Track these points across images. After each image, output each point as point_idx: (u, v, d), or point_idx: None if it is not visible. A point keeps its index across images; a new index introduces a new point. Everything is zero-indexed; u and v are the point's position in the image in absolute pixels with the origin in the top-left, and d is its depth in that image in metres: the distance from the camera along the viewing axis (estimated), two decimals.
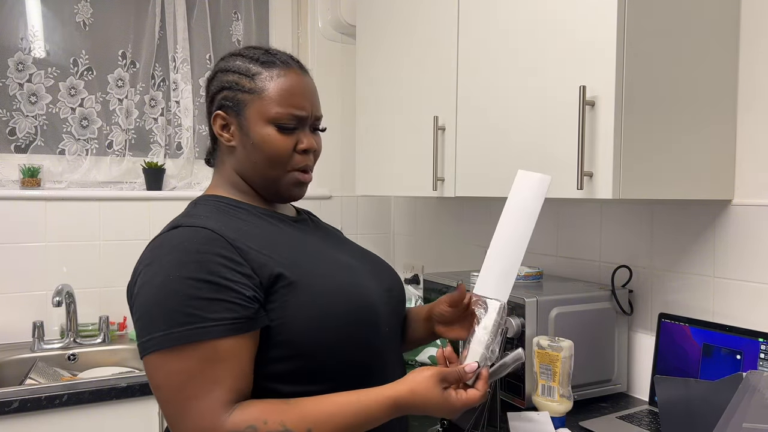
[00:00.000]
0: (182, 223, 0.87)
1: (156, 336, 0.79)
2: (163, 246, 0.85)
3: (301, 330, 0.86)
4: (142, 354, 0.81)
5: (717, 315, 1.43)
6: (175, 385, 0.79)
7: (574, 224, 1.80)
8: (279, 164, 0.96)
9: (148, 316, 0.81)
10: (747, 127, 1.37)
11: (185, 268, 0.81)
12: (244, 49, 1.00)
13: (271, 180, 0.97)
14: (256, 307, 0.83)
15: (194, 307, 0.79)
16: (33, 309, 2.10)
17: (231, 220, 0.91)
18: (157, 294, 0.81)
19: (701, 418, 1.08)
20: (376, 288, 0.98)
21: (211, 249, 0.83)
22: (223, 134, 0.97)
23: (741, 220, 1.39)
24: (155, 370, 0.80)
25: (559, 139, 1.31)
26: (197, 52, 2.39)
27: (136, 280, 0.86)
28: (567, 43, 1.30)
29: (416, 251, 2.55)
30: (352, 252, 1.05)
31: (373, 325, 0.94)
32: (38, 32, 2.18)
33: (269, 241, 0.90)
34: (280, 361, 0.86)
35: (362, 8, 2.11)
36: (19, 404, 1.58)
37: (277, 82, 0.95)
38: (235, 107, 0.95)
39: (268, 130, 0.94)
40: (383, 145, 1.97)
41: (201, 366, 0.79)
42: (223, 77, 0.97)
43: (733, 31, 1.37)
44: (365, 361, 0.93)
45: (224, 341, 0.80)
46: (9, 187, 2.13)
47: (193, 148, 2.39)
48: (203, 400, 0.78)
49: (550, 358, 1.34)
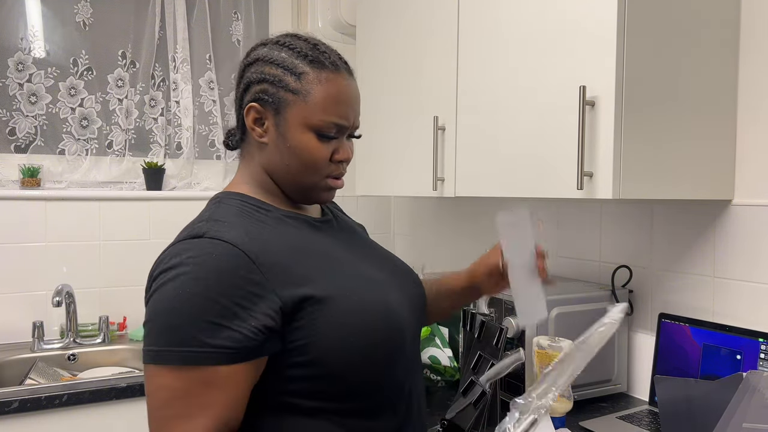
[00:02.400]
0: (206, 232, 0.82)
1: (155, 349, 0.78)
2: (181, 255, 0.80)
3: (330, 350, 0.83)
4: (143, 361, 0.80)
5: (717, 315, 1.43)
6: (162, 400, 0.77)
7: (574, 224, 1.80)
8: (313, 171, 0.91)
9: (153, 325, 0.79)
10: (747, 127, 1.37)
11: (198, 286, 0.77)
12: (289, 39, 0.91)
13: (302, 185, 0.93)
14: (261, 338, 0.79)
15: (197, 329, 0.76)
16: (33, 309, 2.10)
17: (256, 227, 0.86)
18: (165, 305, 0.78)
19: (701, 418, 1.08)
20: (401, 300, 0.95)
21: (231, 268, 0.78)
22: (256, 128, 0.91)
23: (741, 220, 1.39)
24: (149, 378, 0.79)
25: (559, 139, 1.31)
26: (197, 52, 2.39)
27: (151, 284, 0.82)
28: (567, 43, 1.30)
29: (416, 251, 2.55)
30: (377, 258, 1.01)
31: (399, 342, 0.91)
32: (38, 32, 2.18)
33: (295, 254, 0.86)
34: (304, 379, 0.83)
35: (362, 8, 2.11)
36: (19, 404, 1.58)
37: (324, 87, 0.88)
38: (275, 104, 0.89)
39: (308, 137, 0.89)
40: (383, 145, 1.97)
41: (193, 388, 0.76)
42: (264, 68, 0.90)
43: (733, 31, 1.37)
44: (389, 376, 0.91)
45: (221, 368, 0.77)
46: (9, 187, 2.13)
47: (193, 148, 2.39)
48: (188, 423, 0.76)
49: (550, 358, 1.34)
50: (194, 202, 2.34)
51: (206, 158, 2.46)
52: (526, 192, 1.41)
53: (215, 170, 2.45)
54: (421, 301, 1.04)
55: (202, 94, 2.42)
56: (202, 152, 2.45)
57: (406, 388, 0.93)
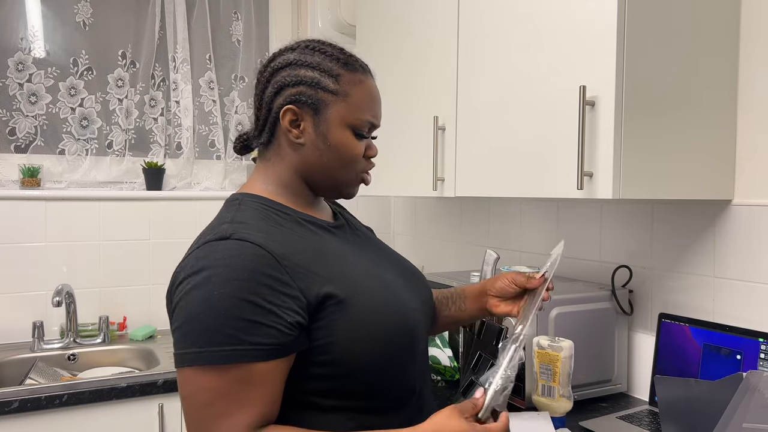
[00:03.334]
0: (231, 234, 0.84)
1: (192, 351, 0.79)
2: (209, 257, 0.82)
3: (350, 349, 0.86)
4: (176, 365, 0.82)
5: (717, 315, 1.43)
6: (203, 401, 0.79)
7: (574, 224, 1.80)
8: (350, 167, 0.96)
9: (187, 328, 0.80)
10: (747, 127, 1.37)
11: (230, 286, 0.79)
12: (318, 44, 0.96)
13: (337, 181, 0.97)
14: (295, 334, 0.82)
15: (234, 327, 0.78)
16: (33, 309, 2.10)
17: (277, 230, 0.89)
18: (198, 308, 0.79)
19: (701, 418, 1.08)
20: (414, 303, 0.98)
21: (259, 268, 0.81)
22: (292, 130, 0.94)
23: (741, 220, 1.39)
24: (187, 383, 0.80)
25: (559, 139, 1.31)
26: (197, 52, 2.39)
27: (177, 287, 0.84)
28: (567, 43, 1.30)
29: (416, 251, 2.55)
30: (390, 262, 1.05)
31: (414, 343, 0.95)
32: (38, 32, 2.18)
33: (315, 256, 0.89)
34: (323, 378, 0.86)
35: (362, 8, 2.11)
36: (19, 404, 1.58)
37: (360, 88, 0.95)
38: (314, 105, 0.92)
39: (347, 134, 0.94)
40: (383, 145, 1.97)
41: (233, 387, 0.79)
42: (299, 71, 0.93)
43: (733, 31, 1.37)
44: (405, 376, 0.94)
45: (259, 365, 0.80)
46: (9, 187, 2.13)
47: (193, 148, 2.39)
48: (229, 420, 0.79)
49: (550, 358, 1.34)
50: (194, 202, 2.34)
51: (206, 158, 2.46)
52: (526, 192, 1.41)
53: (215, 170, 2.45)
54: (430, 304, 1.08)
55: (202, 94, 2.42)
56: (202, 152, 2.45)
57: (418, 388, 0.97)
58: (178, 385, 0.82)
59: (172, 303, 0.84)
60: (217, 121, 2.44)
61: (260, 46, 2.54)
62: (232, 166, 2.48)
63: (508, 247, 2.05)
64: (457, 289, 1.20)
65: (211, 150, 2.46)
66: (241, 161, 2.50)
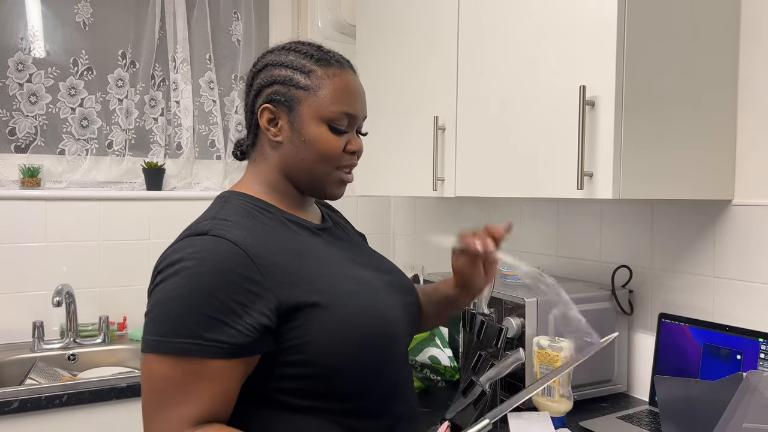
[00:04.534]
0: (209, 230, 0.85)
1: (154, 338, 0.81)
2: (184, 251, 0.83)
3: (324, 351, 0.86)
4: (141, 350, 0.83)
5: (717, 315, 1.43)
6: (155, 388, 0.81)
7: (574, 224, 1.80)
8: (328, 162, 0.95)
9: (153, 316, 0.82)
10: (747, 127, 1.37)
11: (198, 280, 0.80)
12: (294, 44, 0.98)
13: (316, 177, 0.96)
14: (256, 336, 0.82)
15: (195, 322, 0.79)
16: (33, 309, 2.10)
17: (258, 228, 0.89)
18: (166, 298, 0.81)
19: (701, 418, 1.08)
20: (396, 306, 0.98)
21: (230, 266, 0.82)
22: (270, 128, 0.95)
23: (741, 220, 1.39)
24: (145, 365, 0.83)
25: (559, 139, 1.31)
26: (197, 52, 2.39)
27: (155, 277, 0.86)
28: (567, 43, 1.30)
29: (416, 251, 2.55)
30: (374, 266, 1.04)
31: (393, 344, 0.95)
32: (38, 32, 2.18)
33: (293, 257, 0.89)
34: (296, 378, 0.86)
35: (362, 8, 2.11)
36: (19, 404, 1.58)
37: (333, 82, 0.94)
38: (287, 103, 0.94)
39: (321, 129, 0.94)
40: (383, 145, 1.97)
41: (184, 379, 0.80)
42: (274, 71, 0.95)
43: (733, 31, 1.37)
44: (382, 378, 0.94)
45: (213, 362, 0.80)
46: (9, 187, 2.13)
47: (193, 148, 2.39)
48: (173, 411, 0.80)
49: (550, 358, 1.34)
50: (194, 202, 2.34)
51: (206, 158, 2.46)
52: (526, 192, 1.41)
53: (215, 170, 2.45)
54: (414, 310, 1.07)
55: (202, 94, 2.42)
56: (202, 152, 2.45)
57: (399, 390, 0.97)
58: (141, 370, 0.84)
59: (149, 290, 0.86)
60: (217, 121, 2.44)
61: (260, 46, 2.54)
62: (232, 166, 2.48)
63: (508, 247, 2.05)
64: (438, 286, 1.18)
65: (211, 150, 2.46)
66: (241, 161, 2.49)
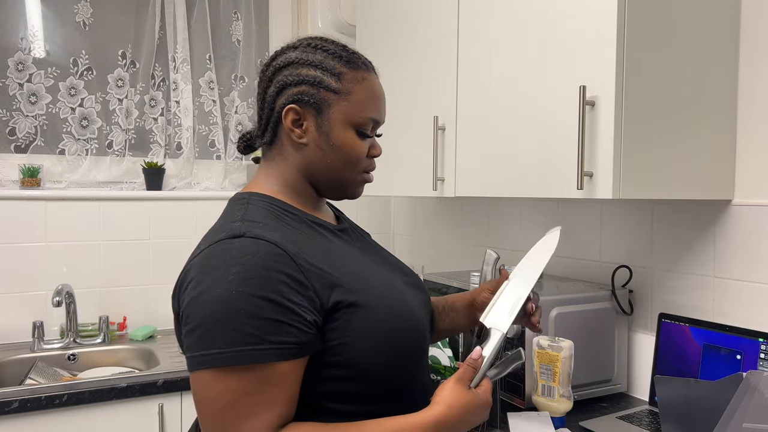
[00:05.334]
0: (245, 232, 0.82)
1: (211, 353, 0.77)
2: (223, 256, 0.80)
3: (364, 351, 0.85)
4: (193, 368, 0.79)
5: (717, 315, 1.43)
6: (225, 403, 0.77)
7: (574, 224, 1.80)
8: (353, 167, 0.95)
9: (204, 329, 0.78)
10: (747, 127, 1.37)
11: (248, 285, 0.77)
12: (319, 42, 0.95)
13: (341, 181, 0.96)
14: (314, 332, 0.81)
15: (254, 327, 0.76)
16: (33, 309, 2.10)
17: (287, 230, 0.87)
18: (216, 308, 0.77)
19: (701, 418, 1.08)
20: (419, 305, 0.98)
21: (276, 266, 0.79)
22: (295, 129, 0.92)
23: (741, 220, 1.39)
24: (205, 385, 0.78)
25: (559, 139, 1.31)
26: (197, 52, 2.39)
27: (188, 287, 0.81)
28: (567, 43, 1.30)
29: (416, 251, 2.55)
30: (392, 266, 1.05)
31: (423, 342, 0.96)
32: (38, 32, 2.18)
33: (325, 258, 0.88)
34: (337, 380, 0.85)
35: (362, 8, 2.11)
36: (19, 404, 1.58)
37: (363, 86, 0.93)
38: (316, 105, 0.91)
39: (350, 134, 0.92)
40: (383, 145, 1.97)
41: (255, 387, 0.77)
42: (301, 70, 0.92)
43: (733, 32, 1.37)
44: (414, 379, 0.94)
45: (280, 365, 0.78)
46: (9, 187, 2.13)
47: (193, 148, 2.39)
48: (253, 421, 0.77)
49: (550, 358, 1.34)
50: (194, 202, 2.34)
51: (206, 158, 2.46)
52: (526, 192, 1.41)
53: (215, 170, 2.45)
54: (429, 308, 1.08)
55: (202, 94, 2.42)
56: (202, 152, 2.45)
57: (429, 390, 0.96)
58: (194, 390, 0.79)
59: (182, 303, 0.82)
60: (217, 121, 2.44)
61: (260, 46, 2.54)
62: (232, 166, 2.48)
63: (508, 247, 2.05)
64: (449, 301, 1.19)
65: (211, 150, 2.46)
66: (241, 161, 2.50)
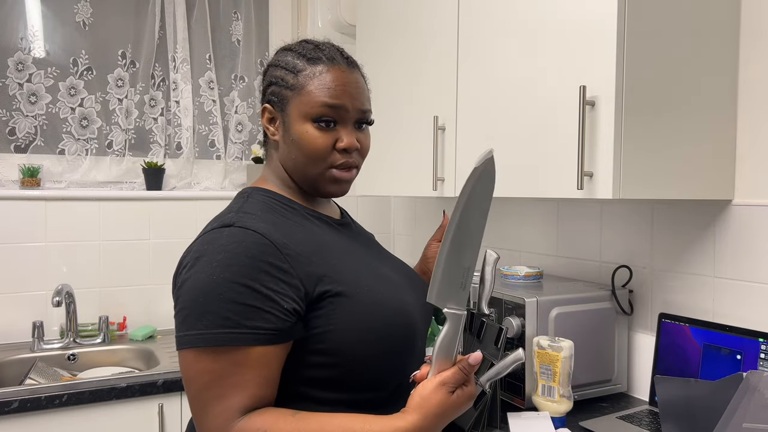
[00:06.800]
0: (235, 222, 0.87)
1: (192, 333, 0.81)
2: (212, 243, 0.85)
3: (347, 340, 0.87)
4: (178, 347, 0.84)
5: (717, 315, 1.43)
6: (203, 383, 0.82)
7: (574, 224, 1.80)
8: (317, 161, 0.95)
9: (188, 311, 0.83)
10: (747, 127, 1.37)
11: (230, 271, 0.82)
12: (297, 44, 1.00)
13: (309, 177, 0.97)
14: (292, 321, 0.84)
15: (232, 311, 0.81)
16: (33, 309, 2.10)
17: (281, 221, 0.91)
18: (199, 292, 0.82)
19: (701, 418, 1.08)
20: (414, 302, 0.99)
21: (259, 255, 0.83)
22: (269, 128, 0.99)
23: (741, 220, 1.39)
24: (189, 365, 0.83)
25: (559, 139, 1.31)
26: (197, 52, 2.39)
27: (182, 271, 0.87)
28: (567, 43, 1.30)
29: (416, 251, 2.55)
30: (392, 263, 1.07)
31: (412, 338, 0.96)
32: (38, 32, 2.18)
33: (317, 248, 0.91)
34: (319, 367, 0.88)
35: (362, 8, 2.11)
36: (19, 404, 1.58)
37: (318, 79, 0.94)
38: (280, 103, 0.96)
39: (306, 127, 0.94)
40: (383, 145, 1.97)
41: (229, 369, 0.81)
42: (273, 72, 0.99)
43: (733, 31, 1.37)
44: (401, 373, 0.95)
45: (255, 349, 0.82)
46: (9, 187, 2.13)
47: (192, 148, 2.39)
48: (223, 402, 0.81)
49: (550, 358, 1.34)
50: (194, 202, 2.34)
51: (206, 158, 2.46)
52: (526, 192, 1.41)
53: (215, 170, 2.45)
54: (430, 307, 1.08)
55: (202, 94, 2.42)
56: (202, 152, 2.45)
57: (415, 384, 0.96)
58: (181, 369, 0.84)
59: (176, 286, 0.87)
60: (217, 121, 2.44)
61: (260, 46, 2.54)
62: (232, 166, 2.48)
63: (508, 247, 2.05)
64: None
65: (211, 150, 2.46)
66: (241, 161, 2.50)
